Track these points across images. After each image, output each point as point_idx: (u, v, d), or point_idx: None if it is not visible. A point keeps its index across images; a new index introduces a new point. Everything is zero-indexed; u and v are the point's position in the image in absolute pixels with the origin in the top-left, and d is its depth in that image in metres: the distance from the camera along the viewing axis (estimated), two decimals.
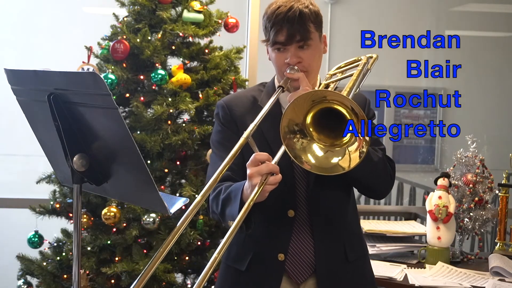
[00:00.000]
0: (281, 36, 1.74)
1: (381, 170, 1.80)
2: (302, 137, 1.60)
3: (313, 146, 1.61)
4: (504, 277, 2.39)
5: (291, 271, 1.80)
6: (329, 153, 1.60)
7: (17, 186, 4.50)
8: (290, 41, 1.74)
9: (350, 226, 1.89)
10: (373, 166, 1.75)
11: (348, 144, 1.58)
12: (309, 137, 1.61)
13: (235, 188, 1.69)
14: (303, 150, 1.60)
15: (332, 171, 1.60)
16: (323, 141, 1.62)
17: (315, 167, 1.60)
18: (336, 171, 1.59)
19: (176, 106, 2.92)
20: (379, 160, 1.78)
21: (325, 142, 1.61)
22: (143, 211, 2.84)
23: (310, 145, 1.61)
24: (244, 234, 1.82)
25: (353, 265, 1.85)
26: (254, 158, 1.60)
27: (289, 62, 1.76)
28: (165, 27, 3.01)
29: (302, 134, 1.60)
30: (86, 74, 1.49)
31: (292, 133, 1.59)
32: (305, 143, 1.61)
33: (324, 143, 1.61)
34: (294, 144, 1.60)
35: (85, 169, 1.53)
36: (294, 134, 1.60)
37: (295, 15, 1.72)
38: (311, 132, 1.61)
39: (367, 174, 1.76)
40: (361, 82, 1.81)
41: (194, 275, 3.09)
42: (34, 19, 5.06)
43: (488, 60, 6.52)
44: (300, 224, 1.81)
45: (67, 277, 2.93)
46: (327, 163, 1.60)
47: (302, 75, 1.74)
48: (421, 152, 6.74)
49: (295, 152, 1.60)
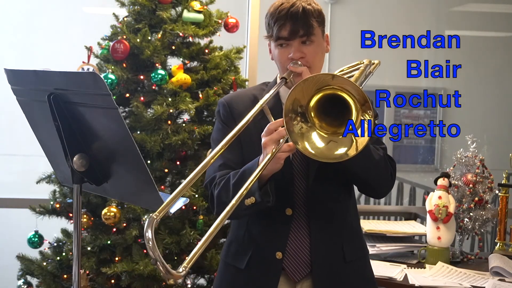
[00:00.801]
0: (284, 31, 1.75)
1: (382, 168, 1.79)
2: (302, 121, 1.59)
3: (313, 134, 1.59)
4: (504, 277, 2.39)
5: (288, 269, 1.80)
6: (331, 142, 1.59)
7: (17, 186, 4.50)
8: (293, 36, 1.75)
9: (350, 226, 1.88)
10: (374, 163, 1.75)
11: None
12: (310, 123, 1.59)
13: (248, 167, 1.69)
14: (301, 136, 1.59)
15: (334, 158, 1.57)
16: (325, 129, 1.60)
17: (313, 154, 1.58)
18: (339, 158, 1.57)
19: (176, 106, 2.92)
20: (380, 158, 1.78)
21: (327, 130, 1.60)
22: (143, 211, 2.83)
23: (309, 132, 1.59)
24: (243, 232, 1.83)
25: (351, 265, 1.85)
26: (267, 127, 1.63)
27: (293, 57, 1.76)
28: (165, 27, 3.01)
29: (303, 118, 1.59)
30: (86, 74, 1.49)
31: (294, 113, 1.57)
32: (304, 128, 1.59)
33: (326, 131, 1.60)
34: (293, 127, 1.58)
35: (85, 169, 1.53)
36: (295, 115, 1.58)
37: (298, 11, 1.74)
38: (313, 119, 1.59)
39: (368, 171, 1.76)
40: (362, 83, 1.81)
41: (194, 275, 3.09)
42: (34, 19, 5.07)
43: (488, 60, 6.52)
44: (298, 222, 1.80)
45: (67, 277, 2.93)
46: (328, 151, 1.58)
47: (305, 68, 1.75)
48: (421, 152, 6.74)
49: (293, 136, 1.58)
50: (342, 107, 1.56)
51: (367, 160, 1.71)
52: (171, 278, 1.23)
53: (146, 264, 2.76)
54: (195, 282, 3.09)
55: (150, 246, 1.21)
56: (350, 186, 1.89)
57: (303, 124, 1.59)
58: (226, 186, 1.73)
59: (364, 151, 1.58)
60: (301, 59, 1.77)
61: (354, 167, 1.71)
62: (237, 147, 1.81)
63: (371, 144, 1.76)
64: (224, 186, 1.74)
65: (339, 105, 1.56)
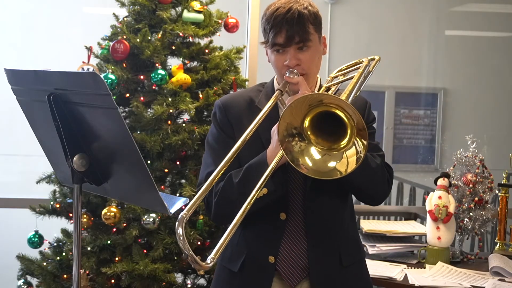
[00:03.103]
0: (280, 37, 1.73)
1: (380, 176, 1.79)
2: (300, 140, 1.60)
3: (311, 150, 1.60)
4: (504, 277, 2.39)
5: (284, 273, 1.79)
6: (327, 156, 1.59)
7: (17, 186, 4.50)
8: (289, 43, 1.73)
9: (347, 231, 1.88)
10: (371, 172, 1.74)
11: (346, 148, 1.57)
12: (307, 141, 1.60)
13: (253, 162, 1.70)
14: (301, 153, 1.59)
15: (329, 175, 1.58)
16: (321, 144, 1.60)
17: (312, 170, 1.59)
18: (333, 175, 1.58)
19: (176, 106, 2.92)
20: (377, 166, 1.77)
21: (323, 145, 1.60)
22: (143, 211, 2.84)
23: (308, 148, 1.60)
24: (238, 235, 1.83)
25: (348, 270, 1.84)
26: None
27: (288, 65, 1.75)
28: (165, 27, 3.01)
29: (300, 138, 1.60)
30: (86, 74, 1.49)
31: (290, 136, 1.59)
32: (303, 146, 1.60)
33: (322, 147, 1.60)
34: (292, 147, 1.59)
35: (85, 169, 1.53)
36: (292, 137, 1.59)
37: (294, 17, 1.71)
38: (309, 136, 1.60)
39: (365, 180, 1.75)
40: (362, 85, 1.80)
41: (194, 275, 3.09)
42: (34, 19, 5.07)
43: (488, 60, 6.52)
44: (293, 227, 1.80)
45: (67, 277, 2.93)
46: (324, 166, 1.59)
47: (301, 79, 1.74)
48: (421, 152, 6.74)
49: (293, 155, 1.59)
50: (336, 122, 1.56)
51: (364, 171, 1.70)
52: (201, 269, 1.41)
53: (146, 264, 2.76)
54: (195, 282, 3.09)
55: (182, 242, 1.40)
56: (347, 193, 1.89)
57: (301, 142, 1.60)
58: (229, 185, 1.72)
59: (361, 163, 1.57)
60: (297, 66, 1.75)
61: (351, 176, 1.70)
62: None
63: (369, 153, 1.75)
64: (226, 186, 1.73)
65: (333, 121, 1.56)
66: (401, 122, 6.62)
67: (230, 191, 1.72)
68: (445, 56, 6.45)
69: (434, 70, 6.56)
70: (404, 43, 6.39)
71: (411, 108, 6.60)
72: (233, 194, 1.70)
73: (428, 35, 6.51)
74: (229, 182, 1.73)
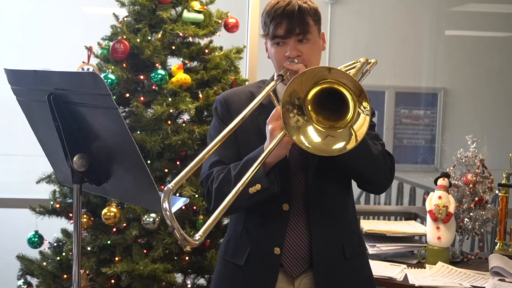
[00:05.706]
0: (281, 29, 1.76)
1: (381, 162, 1.79)
2: (299, 114, 1.59)
3: (309, 128, 1.59)
4: (504, 277, 2.39)
5: (286, 265, 1.80)
6: (329, 137, 1.59)
7: (17, 186, 4.50)
8: (289, 35, 1.76)
9: (349, 223, 1.89)
10: (373, 158, 1.75)
11: (352, 122, 1.56)
12: (307, 117, 1.59)
13: (251, 156, 1.70)
14: (296, 129, 1.59)
15: (332, 152, 1.58)
16: (322, 123, 1.60)
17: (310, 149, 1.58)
18: (338, 152, 1.57)
19: (176, 106, 2.92)
20: (379, 153, 1.78)
21: (324, 124, 1.60)
22: (143, 211, 2.84)
23: (306, 126, 1.59)
24: (241, 228, 1.84)
25: (351, 263, 1.85)
26: (273, 114, 1.64)
27: (289, 55, 1.77)
28: (165, 27, 3.01)
29: (300, 111, 1.59)
30: (86, 74, 1.49)
31: (291, 105, 1.57)
32: (300, 122, 1.59)
33: (323, 125, 1.60)
34: (289, 119, 1.58)
35: (85, 169, 1.53)
36: (292, 107, 1.58)
37: (294, 9, 1.74)
38: (310, 112, 1.59)
39: (368, 166, 1.76)
40: (359, 80, 1.81)
41: (194, 275, 3.09)
42: (34, 19, 5.07)
43: (488, 60, 6.52)
44: (296, 218, 1.80)
45: (67, 277, 2.93)
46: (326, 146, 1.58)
47: (301, 65, 1.75)
48: (421, 152, 6.74)
49: (288, 128, 1.58)
50: (339, 101, 1.57)
51: (366, 155, 1.71)
52: (188, 245, 1.31)
53: (146, 264, 2.76)
54: (195, 282, 3.09)
55: (168, 215, 1.28)
56: (349, 182, 1.90)
57: (300, 117, 1.59)
58: (227, 178, 1.73)
59: (362, 145, 1.58)
60: (298, 57, 1.77)
61: (353, 162, 1.72)
62: (233, 144, 1.81)
63: (370, 140, 1.76)
64: (225, 178, 1.74)
65: (336, 99, 1.57)
66: (401, 122, 6.62)
67: (228, 183, 1.72)
68: (445, 56, 6.46)
69: (434, 70, 6.56)
70: (404, 43, 6.40)
71: (411, 108, 6.61)
72: (230, 186, 1.71)
73: (428, 35, 6.51)
74: (228, 174, 1.74)
